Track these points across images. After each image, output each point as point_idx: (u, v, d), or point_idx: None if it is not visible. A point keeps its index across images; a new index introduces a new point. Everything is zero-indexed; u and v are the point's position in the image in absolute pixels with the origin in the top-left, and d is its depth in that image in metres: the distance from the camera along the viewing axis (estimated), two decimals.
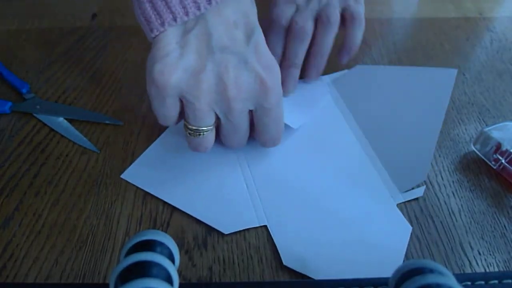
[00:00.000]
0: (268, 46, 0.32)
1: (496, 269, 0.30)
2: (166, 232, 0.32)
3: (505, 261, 0.31)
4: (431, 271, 0.20)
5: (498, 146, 0.36)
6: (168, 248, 0.22)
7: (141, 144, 0.39)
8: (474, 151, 0.38)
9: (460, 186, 0.36)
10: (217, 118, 0.32)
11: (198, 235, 0.32)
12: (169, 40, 0.29)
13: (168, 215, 0.33)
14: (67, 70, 0.46)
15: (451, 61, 0.49)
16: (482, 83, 0.46)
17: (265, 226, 0.33)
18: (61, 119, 0.40)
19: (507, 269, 0.30)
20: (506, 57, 0.50)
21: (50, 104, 0.42)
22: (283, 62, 0.42)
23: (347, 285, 0.27)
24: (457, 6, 0.58)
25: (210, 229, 0.32)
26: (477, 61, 0.49)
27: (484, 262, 0.31)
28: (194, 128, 0.31)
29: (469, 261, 0.31)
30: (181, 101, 0.31)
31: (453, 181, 0.36)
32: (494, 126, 0.37)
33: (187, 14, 0.29)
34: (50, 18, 0.53)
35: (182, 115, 0.32)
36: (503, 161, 0.35)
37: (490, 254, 0.31)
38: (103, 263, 0.30)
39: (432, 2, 0.58)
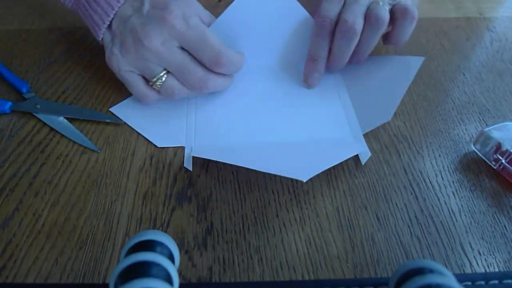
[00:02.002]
0: (311, 48, 0.41)
1: (496, 269, 0.30)
2: (166, 232, 0.32)
3: (505, 261, 0.31)
4: (431, 271, 0.20)
5: (498, 146, 0.36)
6: (168, 248, 0.22)
7: (141, 144, 0.39)
8: (474, 151, 0.38)
9: (460, 186, 0.36)
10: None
11: (198, 235, 0.32)
12: (106, 38, 0.40)
13: (168, 215, 0.33)
14: (67, 70, 0.46)
15: (451, 61, 0.49)
16: (482, 83, 0.46)
17: (265, 225, 0.33)
18: (61, 118, 0.40)
19: (507, 269, 0.30)
20: (506, 57, 0.50)
21: (50, 103, 0.42)
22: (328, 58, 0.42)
23: (347, 285, 0.27)
24: (457, 6, 0.58)
25: (210, 229, 0.32)
26: (477, 61, 0.49)
27: (484, 262, 0.31)
28: (153, 81, 0.38)
29: (469, 261, 0.31)
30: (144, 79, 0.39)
31: (453, 181, 0.36)
32: (494, 126, 0.37)
33: (104, 22, 0.39)
34: (50, 18, 0.53)
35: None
36: (503, 161, 0.35)
37: (490, 254, 0.31)
38: (103, 263, 0.30)
39: (432, 2, 0.58)
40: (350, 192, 0.35)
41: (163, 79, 0.38)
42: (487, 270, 0.30)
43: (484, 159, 0.37)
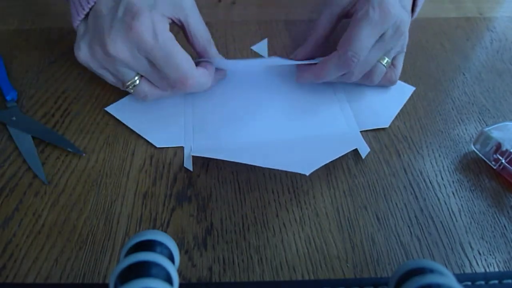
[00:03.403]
0: (324, 70, 0.39)
1: (496, 269, 0.30)
2: (166, 232, 0.32)
3: (505, 261, 0.31)
4: (431, 271, 0.20)
5: (498, 146, 0.36)
6: (168, 248, 0.22)
7: (141, 144, 0.39)
8: (474, 151, 0.38)
9: (460, 186, 0.36)
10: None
11: (198, 235, 0.32)
12: (80, 29, 0.38)
13: (168, 215, 0.33)
14: (67, 70, 0.46)
15: (451, 61, 0.49)
16: (482, 83, 0.46)
17: (265, 225, 0.33)
18: (29, 137, 0.38)
19: (507, 269, 0.30)
20: (506, 57, 0.50)
21: (26, 119, 0.40)
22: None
23: (347, 285, 0.27)
24: (457, 6, 0.58)
25: (210, 229, 0.32)
26: (477, 61, 0.49)
27: (484, 262, 0.31)
28: (126, 84, 0.38)
29: (469, 261, 0.31)
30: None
31: (453, 181, 0.36)
32: (494, 126, 0.37)
33: (83, 8, 0.37)
34: (50, 18, 0.53)
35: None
36: (503, 161, 0.35)
37: (490, 254, 0.31)
38: (103, 263, 0.30)
39: (432, 2, 0.58)
40: (350, 192, 0.35)
41: (136, 83, 0.38)
42: (487, 270, 0.30)
43: (484, 159, 0.37)
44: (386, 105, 0.43)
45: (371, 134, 0.40)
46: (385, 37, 0.38)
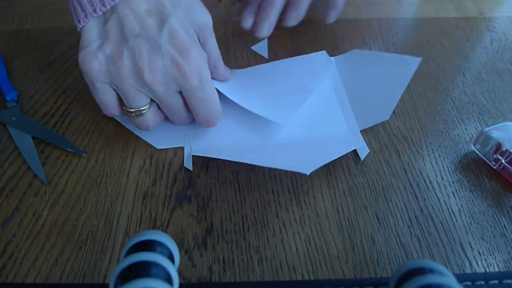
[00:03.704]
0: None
1: (496, 269, 0.30)
2: (166, 232, 0.32)
3: (505, 261, 0.31)
4: (431, 271, 0.20)
5: (498, 146, 0.36)
6: (168, 248, 0.22)
7: (141, 144, 0.39)
8: (474, 151, 0.38)
9: (460, 186, 0.36)
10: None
11: (198, 235, 0.32)
12: (91, 31, 0.33)
13: (168, 215, 0.33)
14: (67, 70, 0.46)
15: (451, 61, 0.49)
16: (482, 83, 0.46)
17: (265, 225, 0.33)
18: (29, 137, 0.39)
19: (507, 269, 0.30)
20: (506, 57, 0.50)
21: (26, 119, 0.40)
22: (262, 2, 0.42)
23: (347, 285, 0.27)
24: (457, 6, 0.58)
25: (210, 229, 0.32)
26: (477, 61, 0.49)
27: (484, 262, 0.31)
28: (131, 110, 0.35)
29: (469, 261, 0.31)
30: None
31: (453, 181, 0.36)
32: (494, 126, 0.37)
33: (104, 5, 0.32)
34: (50, 18, 0.53)
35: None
36: (503, 161, 0.35)
37: (490, 254, 0.31)
38: (103, 263, 0.30)
39: (432, 2, 0.58)
40: (350, 192, 0.35)
41: (144, 111, 0.35)
42: (487, 270, 0.30)
43: (484, 159, 0.37)
44: (389, 91, 0.42)
45: (371, 134, 0.40)
46: None
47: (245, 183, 0.36)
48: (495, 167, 0.36)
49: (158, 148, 0.38)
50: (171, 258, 0.22)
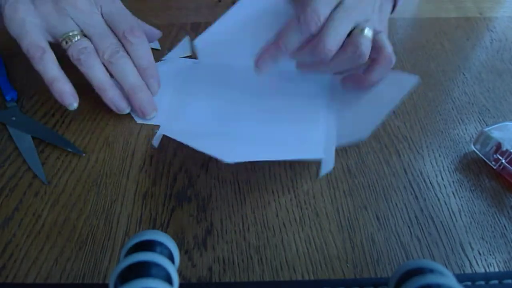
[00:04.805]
0: (284, 37, 0.37)
1: (496, 269, 0.30)
2: (166, 232, 0.32)
3: (505, 261, 0.31)
4: (431, 271, 0.20)
5: (498, 146, 0.36)
6: (168, 248, 0.22)
7: (141, 144, 0.39)
8: (474, 151, 0.38)
9: (460, 186, 0.36)
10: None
11: (198, 235, 0.32)
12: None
13: (168, 215, 0.33)
14: (67, 70, 0.46)
15: (451, 61, 0.49)
16: (482, 83, 0.46)
17: (265, 225, 0.33)
18: (28, 137, 0.39)
19: (507, 269, 0.30)
20: (506, 57, 0.50)
21: (26, 119, 0.40)
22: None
23: (347, 285, 0.27)
24: (457, 6, 0.58)
25: (210, 229, 0.32)
26: (477, 61, 0.49)
27: (484, 262, 0.31)
28: (62, 37, 0.38)
29: (469, 261, 0.31)
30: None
31: (453, 181, 0.36)
32: (494, 126, 0.37)
33: None
34: None
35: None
36: (503, 161, 0.35)
37: (490, 254, 0.31)
38: (103, 263, 0.30)
39: (432, 2, 0.58)
40: (350, 192, 0.35)
41: (76, 38, 0.38)
42: (487, 270, 0.30)
43: (484, 159, 0.37)
44: (376, 108, 0.39)
45: (371, 134, 0.40)
46: (345, 4, 0.36)
47: (245, 183, 0.36)
48: (495, 167, 0.36)
49: (137, 122, 0.40)
50: (171, 258, 0.22)
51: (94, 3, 0.38)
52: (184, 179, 0.36)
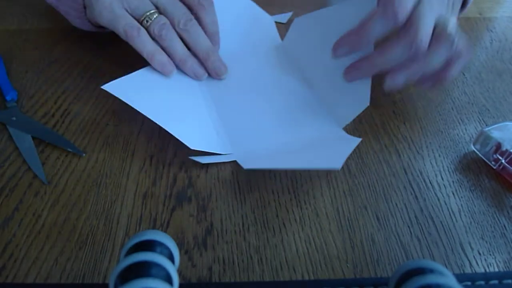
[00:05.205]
0: (384, 55, 0.37)
1: (496, 269, 0.30)
2: (166, 232, 0.32)
3: (505, 261, 0.31)
4: (431, 271, 0.20)
5: (498, 146, 0.36)
6: (168, 248, 0.22)
7: (141, 144, 0.39)
8: (474, 151, 0.38)
9: (460, 186, 0.36)
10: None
11: (198, 235, 0.32)
12: None
13: (168, 215, 0.33)
14: (67, 70, 0.46)
15: None
16: (482, 83, 0.46)
17: (265, 225, 0.33)
18: (29, 137, 0.38)
19: (507, 269, 0.30)
20: (506, 57, 0.50)
21: (27, 119, 0.40)
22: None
23: (347, 285, 0.27)
24: None
25: (210, 229, 0.32)
26: (477, 61, 0.49)
27: (484, 262, 0.31)
28: (142, 18, 0.41)
29: (469, 261, 0.31)
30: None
31: (453, 181, 0.36)
32: (494, 126, 0.37)
33: None
34: (50, 18, 0.53)
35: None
36: (503, 161, 0.35)
37: (490, 254, 0.31)
38: (103, 263, 0.30)
39: None
40: (350, 192, 0.35)
41: (155, 15, 0.41)
42: (487, 270, 0.30)
43: (484, 159, 0.37)
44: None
45: (371, 134, 0.40)
46: (424, 1, 0.35)
47: (245, 183, 0.36)
48: (495, 167, 0.36)
49: (191, 148, 0.36)
50: (171, 258, 0.22)
51: None
52: (184, 179, 0.36)
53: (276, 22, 0.54)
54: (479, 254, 0.31)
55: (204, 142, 0.37)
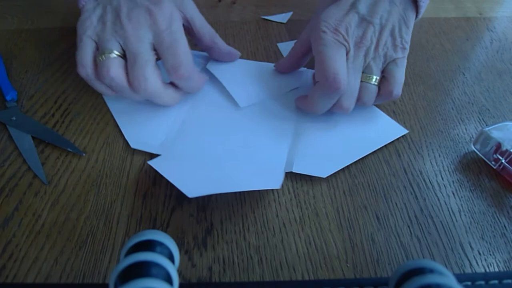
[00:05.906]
0: (315, 104, 0.38)
1: (496, 269, 0.30)
2: (166, 232, 0.32)
3: (505, 261, 0.31)
4: (431, 271, 0.20)
5: (498, 146, 0.36)
6: (168, 248, 0.22)
7: None
8: (474, 151, 0.38)
9: (460, 186, 0.36)
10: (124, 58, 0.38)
11: (198, 235, 0.32)
12: (88, 5, 0.40)
13: (168, 215, 0.33)
14: (67, 70, 0.46)
15: (451, 61, 0.49)
16: (482, 83, 0.46)
17: (265, 225, 0.33)
18: (28, 137, 0.38)
19: (507, 269, 0.30)
20: (506, 57, 0.50)
21: (26, 119, 0.40)
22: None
23: (347, 285, 0.27)
24: (457, 6, 0.58)
25: (210, 229, 0.32)
26: (477, 61, 0.49)
27: (484, 262, 0.31)
28: (101, 56, 0.37)
29: (469, 261, 0.31)
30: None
31: (453, 181, 0.36)
32: (494, 126, 0.37)
33: None
34: (50, 18, 0.53)
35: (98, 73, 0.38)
36: (503, 161, 0.35)
37: (490, 254, 0.31)
38: (103, 263, 0.30)
39: (432, 2, 0.58)
40: (350, 192, 0.35)
41: (111, 56, 0.37)
42: (487, 270, 0.30)
43: (484, 159, 0.37)
44: (352, 148, 0.38)
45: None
46: (349, 56, 0.37)
47: None
48: (495, 167, 0.36)
49: (132, 147, 0.38)
50: (171, 258, 0.22)
51: (146, 32, 0.37)
52: None
53: (276, 22, 0.54)
54: (479, 254, 0.31)
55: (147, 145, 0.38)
